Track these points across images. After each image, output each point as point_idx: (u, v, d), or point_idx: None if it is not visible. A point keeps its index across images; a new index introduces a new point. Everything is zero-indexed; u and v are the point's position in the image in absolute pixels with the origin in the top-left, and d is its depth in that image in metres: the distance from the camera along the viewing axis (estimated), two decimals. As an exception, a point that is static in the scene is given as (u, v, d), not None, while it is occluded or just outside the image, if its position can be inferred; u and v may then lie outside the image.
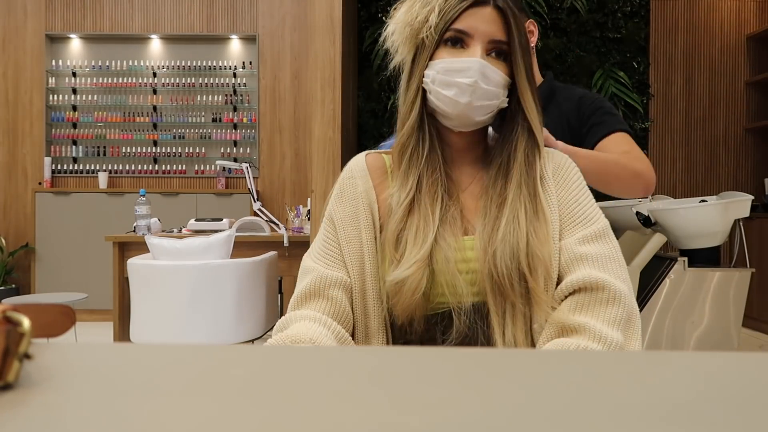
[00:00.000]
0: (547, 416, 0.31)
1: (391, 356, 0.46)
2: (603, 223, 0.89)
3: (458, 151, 0.95)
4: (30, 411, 0.32)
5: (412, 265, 0.83)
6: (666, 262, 2.51)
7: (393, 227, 0.88)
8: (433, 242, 0.85)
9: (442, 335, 0.87)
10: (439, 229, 0.86)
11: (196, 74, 5.32)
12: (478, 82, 0.86)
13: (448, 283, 0.84)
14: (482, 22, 0.87)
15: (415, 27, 0.90)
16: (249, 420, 0.30)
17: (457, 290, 0.84)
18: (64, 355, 0.43)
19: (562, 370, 0.41)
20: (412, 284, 0.83)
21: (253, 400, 0.34)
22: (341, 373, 0.40)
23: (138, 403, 0.33)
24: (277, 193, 5.29)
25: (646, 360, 0.46)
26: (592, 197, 0.93)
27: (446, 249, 0.85)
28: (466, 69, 0.86)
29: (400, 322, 0.88)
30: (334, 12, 2.71)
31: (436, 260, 0.84)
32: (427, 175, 0.90)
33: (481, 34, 0.87)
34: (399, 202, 0.89)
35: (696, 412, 0.32)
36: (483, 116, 0.89)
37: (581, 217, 0.89)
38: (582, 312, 0.81)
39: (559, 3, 4.25)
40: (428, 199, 0.88)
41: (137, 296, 2.58)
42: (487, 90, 0.87)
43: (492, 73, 0.87)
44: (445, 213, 0.88)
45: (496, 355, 0.47)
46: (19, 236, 5.15)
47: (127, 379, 0.38)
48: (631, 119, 4.39)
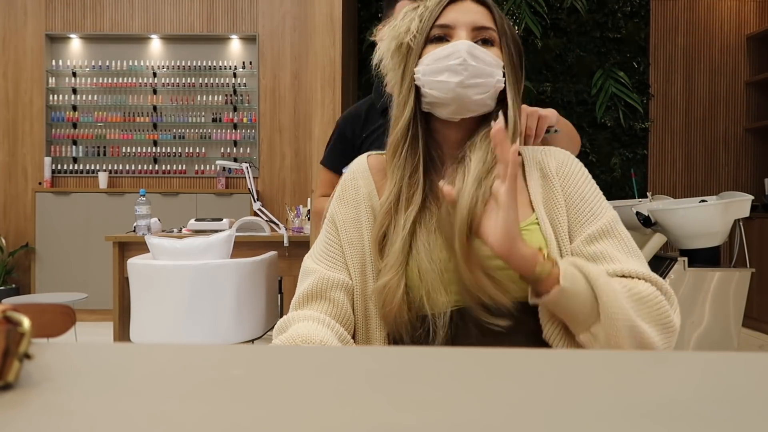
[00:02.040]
0: (546, 416, 0.31)
1: (390, 356, 0.46)
2: (610, 216, 0.88)
3: (455, 147, 0.92)
4: (30, 411, 0.32)
5: (387, 272, 0.84)
6: (666, 262, 2.51)
7: (373, 234, 0.88)
8: (408, 249, 0.84)
9: (426, 343, 0.86)
10: (416, 234, 0.85)
11: (196, 74, 5.32)
12: (467, 60, 0.85)
13: (425, 291, 0.83)
14: (463, 14, 0.88)
15: (399, 39, 0.90)
16: (249, 420, 0.30)
17: (431, 297, 0.83)
18: (64, 355, 0.43)
19: (562, 370, 0.41)
20: (390, 292, 0.83)
21: (253, 400, 0.34)
22: (341, 373, 0.40)
23: (138, 403, 0.33)
24: (277, 193, 5.29)
25: (646, 360, 0.46)
26: (597, 189, 0.91)
27: (419, 256, 0.84)
28: (453, 52, 0.86)
29: (388, 330, 0.87)
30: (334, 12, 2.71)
31: (411, 267, 0.84)
32: (406, 179, 0.89)
33: (464, 23, 0.88)
34: (380, 207, 0.89)
35: (696, 411, 0.32)
36: (479, 95, 0.86)
37: (589, 213, 0.88)
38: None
39: (559, 3, 4.25)
40: (405, 205, 0.87)
41: (137, 296, 2.58)
42: (477, 67, 0.85)
43: (481, 53, 0.86)
44: (424, 217, 0.87)
45: (495, 355, 0.47)
46: (19, 236, 5.15)
47: (127, 379, 0.38)
48: (631, 119, 4.40)
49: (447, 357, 0.44)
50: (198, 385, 0.37)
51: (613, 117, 4.34)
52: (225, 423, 0.30)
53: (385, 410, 0.32)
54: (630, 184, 4.29)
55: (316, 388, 0.36)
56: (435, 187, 0.88)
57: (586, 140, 4.32)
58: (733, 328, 2.44)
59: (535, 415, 0.31)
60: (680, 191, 4.74)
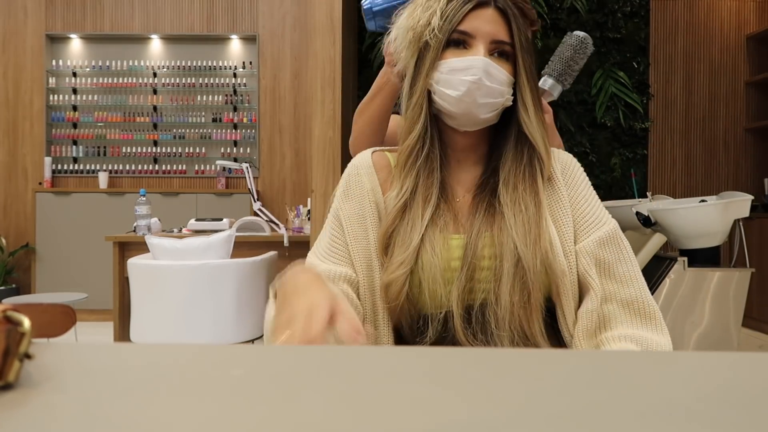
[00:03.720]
0: (547, 416, 0.31)
1: (390, 356, 0.46)
2: (614, 224, 0.90)
3: (463, 151, 0.95)
4: (30, 411, 0.32)
5: (396, 269, 0.84)
6: (666, 262, 2.51)
7: (383, 230, 0.88)
8: (419, 245, 0.85)
9: (422, 337, 0.87)
10: (427, 232, 0.86)
11: (196, 74, 5.32)
12: (482, 80, 0.86)
13: (429, 289, 0.84)
14: (484, 23, 0.88)
15: (417, 31, 0.90)
16: (249, 420, 0.30)
17: (436, 296, 0.84)
18: (64, 355, 0.43)
19: (563, 371, 0.41)
20: (395, 289, 0.84)
21: (253, 400, 0.34)
22: (341, 373, 0.40)
23: (138, 403, 0.33)
24: (277, 193, 5.29)
25: (646, 360, 0.46)
26: (598, 198, 0.93)
27: (431, 253, 0.85)
28: (469, 67, 0.86)
29: (395, 323, 0.88)
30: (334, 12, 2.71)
31: (422, 264, 0.85)
32: (423, 178, 0.90)
33: (484, 34, 0.87)
34: (393, 205, 0.89)
35: (696, 411, 0.32)
36: (487, 114, 0.89)
37: (593, 218, 0.89)
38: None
39: (559, 3, 4.25)
40: (421, 203, 0.88)
41: (137, 296, 2.58)
42: (491, 87, 0.87)
43: (496, 71, 0.87)
44: (438, 216, 0.88)
45: (496, 354, 0.47)
46: (19, 236, 5.15)
47: (127, 379, 0.38)
48: (631, 119, 4.40)
49: (447, 357, 0.44)
50: (198, 385, 0.37)
51: (613, 117, 4.34)
52: (225, 423, 0.30)
53: (386, 410, 0.32)
54: (630, 184, 4.29)
55: (316, 388, 0.36)
56: (446, 186, 0.91)
57: (586, 140, 4.32)
58: (733, 328, 2.44)
59: (534, 415, 0.31)
60: (680, 191, 4.74)
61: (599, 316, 0.85)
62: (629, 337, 0.82)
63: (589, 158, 4.32)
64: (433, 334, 0.85)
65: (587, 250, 0.86)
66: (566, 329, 0.85)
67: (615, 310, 0.85)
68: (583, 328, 0.84)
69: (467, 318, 0.85)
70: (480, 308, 0.85)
